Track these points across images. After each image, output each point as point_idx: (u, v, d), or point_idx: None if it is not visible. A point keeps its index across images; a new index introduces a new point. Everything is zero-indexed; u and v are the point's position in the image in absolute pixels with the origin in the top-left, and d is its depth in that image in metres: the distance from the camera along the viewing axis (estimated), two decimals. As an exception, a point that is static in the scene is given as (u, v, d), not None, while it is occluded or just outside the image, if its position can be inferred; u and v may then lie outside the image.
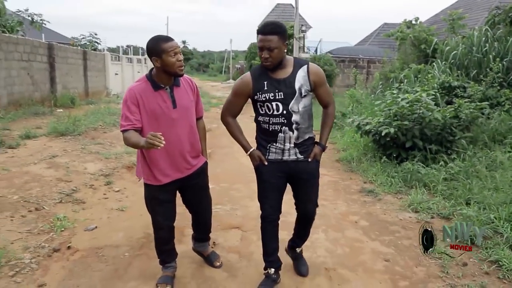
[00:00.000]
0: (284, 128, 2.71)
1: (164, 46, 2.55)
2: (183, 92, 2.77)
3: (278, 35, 2.58)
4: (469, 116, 6.47)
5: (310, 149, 2.84)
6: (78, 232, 4.03)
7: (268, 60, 2.61)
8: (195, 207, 3.14)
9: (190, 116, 2.82)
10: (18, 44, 11.92)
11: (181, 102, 2.72)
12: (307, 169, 2.85)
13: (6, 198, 4.72)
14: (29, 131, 8.39)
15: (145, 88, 2.66)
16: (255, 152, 2.86)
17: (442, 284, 3.09)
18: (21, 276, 3.14)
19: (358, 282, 3.16)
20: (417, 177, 5.41)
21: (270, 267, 3.03)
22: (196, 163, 2.91)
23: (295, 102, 2.68)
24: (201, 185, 3.04)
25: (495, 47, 8.65)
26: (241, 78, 2.87)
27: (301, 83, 2.69)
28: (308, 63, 2.76)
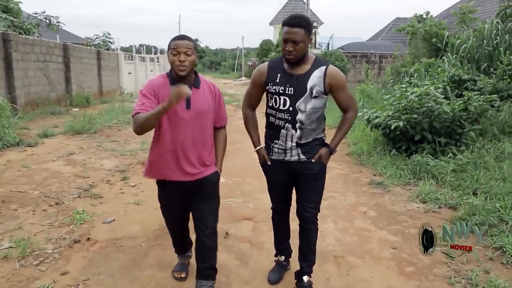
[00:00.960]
0: (287, 125, 2.66)
1: (171, 43, 2.53)
2: (201, 95, 2.64)
3: (305, 29, 2.52)
4: (478, 109, 6.50)
5: (316, 150, 2.75)
6: (97, 225, 4.20)
7: (292, 53, 2.54)
8: (198, 221, 2.83)
9: (204, 121, 2.67)
10: (34, 45, 12.22)
11: (196, 105, 2.60)
12: (310, 171, 2.76)
13: (27, 193, 4.94)
14: (46, 130, 8.64)
15: (163, 83, 2.61)
16: (261, 150, 2.86)
17: (447, 270, 3.20)
18: (45, 265, 3.32)
19: (365, 268, 3.28)
20: (426, 169, 5.50)
21: (281, 255, 3.14)
22: (203, 170, 2.72)
23: (303, 101, 2.61)
24: (206, 195, 2.79)
25: (506, 39, 8.64)
26: (258, 67, 2.86)
27: (314, 83, 2.60)
28: (328, 65, 2.66)
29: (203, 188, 2.76)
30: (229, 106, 15.56)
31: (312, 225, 2.88)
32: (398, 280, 3.11)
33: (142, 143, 7.75)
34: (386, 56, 21.36)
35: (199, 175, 2.71)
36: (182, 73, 2.51)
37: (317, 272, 3.14)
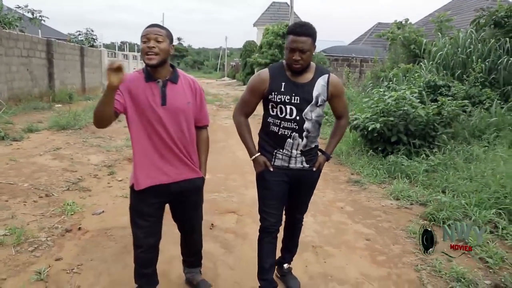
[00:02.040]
0: (294, 134, 2.59)
1: (142, 31, 2.37)
2: (178, 91, 2.47)
3: (311, 37, 2.48)
4: (451, 113, 6.89)
5: (315, 158, 2.75)
6: (87, 216, 4.38)
7: (299, 62, 2.48)
8: (184, 227, 2.83)
9: (182, 119, 2.48)
10: (18, 40, 12.20)
11: (172, 101, 2.42)
12: (310, 179, 2.79)
13: (17, 185, 5.07)
14: (31, 125, 8.74)
15: (137, 78, 2.41)
16: (260, 158, 2.71)
17: (415, 258, 3.51)
18: (40, 251, 3.50)
19: (341, 257, 3.56)
20: (400, 169, 5.83)
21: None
22: (186, 173, 2.56)
23: (309, 109, 2.57)
24: (193, 204, 2.72)
25: (478, 48, 9.08)
26: (258, 74, 2.72)
27: (319, 92, 2.58)
28: (329, 73, 2.65)
29: (190, 195, 2.65)
30: (212, 105, 15.78)
31: (298, 224, 3.02)
32: (370, 267, 3.40)
33: (127, 140, 7.89)
34: (367, 60, 21.86)
35: (183, 176, 2.55)
36: (151, 61, 2.31)
37: (297, 260, 3.38)
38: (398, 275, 3.26)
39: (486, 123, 6.83)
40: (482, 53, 9.06)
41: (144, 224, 2.54)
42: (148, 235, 2.57)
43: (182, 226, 2.84)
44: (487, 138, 6.37)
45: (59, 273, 3.16)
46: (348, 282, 3.15)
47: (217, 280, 3.15)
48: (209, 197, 4.89)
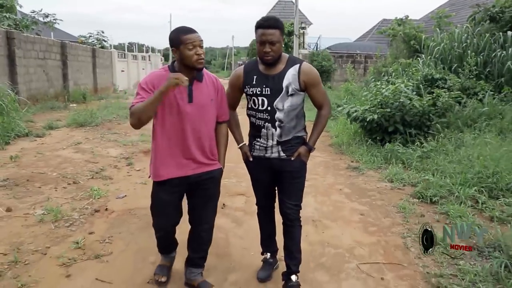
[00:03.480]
0: (267, 124, 2.72)
1: (182, 38, 2.45)
2: (203, 89, 2.62)
3: (279, 30, 2.58)
4: (445, 104, 7.33)
5: (295, 148, 2.80)
6: (111, 199, 4.90)
7: (270, 54, 2.59)
8: (197, 215, 2.88)
9: (207, 115, 2.65)
10: (34, 43, 12.83)
11: (198, 98, 2.58)
12: (290, 168, 2.81)
13: (47, 174, 5.63)
14: (51, 123, 9.32)
15: (163, 76, 2.51)
16: (244, 147, 2.91)
17: (402, 229, 3.99)
18: (74, 227, 4.03)
19: (337, 228, 4.05)
20: (396, 156, 6.30)
21: (267, 252, 3.17)
22: (206, 165, 2.70)
23: (280, 99, 2.67)
24: (210, 193, 2.83)
25: (474, 43, 9.49)
26: (235, 71, 2.94)
27: (289, 81, 2.66)
28: (301, 63, 2.72)
29: (208, 185, 2.75)
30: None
31: (295, 222, 2.94)
32: (362, 236, 3.89)
33: (141, 135, 8.43)
34: (371, 56, 22.19)
35: (204, 169, 2.69)
36: (202, 65, 2.52)
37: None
38: (387, 242, 3.75)
39: (479, 113, 7.24)
40: (478, 47, 9.45)
41: (164, 212, 2.76)
42: (167, 221, 2.82)
43: (194, 215, 2.87)
44: (479, 126, 6.80)
45: (93, 243, 3.68)
46: (342, 247, 3.64)
47: (229, 247, 3.66)
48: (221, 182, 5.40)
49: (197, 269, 2.97)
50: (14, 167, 5.87)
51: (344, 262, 3.38)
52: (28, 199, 4.69)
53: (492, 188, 4.61)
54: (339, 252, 3.56)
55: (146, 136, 8.30)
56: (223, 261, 3.39)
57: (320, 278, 3.13)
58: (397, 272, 3.22)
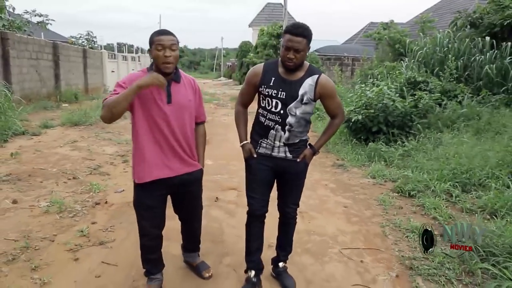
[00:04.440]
0: (277, 127, 2.75)
1: (154, 39, 2.48)
2: (181, 89, 2.65)
3: (307, 39, 2.61)
4: (426, 106, 7.74)
5: (301, 150, 2.85)
6: (110, 193, 5.18)
7: (293, 60, 2.62)
8: (185, 216, 3.02)
9: (186, 115, 2.68)
10: (28, 44, 12.98)
11: (177, 99, 2.61)
12: (295, 169, 2.86)
13: (47, 170, 5.88)
14: (46, 122, 9.53)
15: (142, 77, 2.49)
16: (247, 144, 2.91)
17: (382, 219, 4.35)
18: (78, 217, 4.31)
19: (322, 219, 4.39)
20: (379, 154, 6.68)
21: (251, 269, 3.03)
22: (187, 166, 2.75)
23: (294, 105, 2.70)
24: (194, 194, 2.92)
25: (455, 47, 9.94)
26: (253, 68, 2.91)
27: (305, 90, 2.70)
28: (320, 74, 2.76)
29: (191, 187, 2.82)
30: (210, 104, 16.60)
31: (292, 220, 3.05)
32: (345, 225, 4.24)
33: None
34: (358, 59, 22.68)
35: (185, 170, 2.72)
36: (168, 69, 2.51)
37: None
38: (367, 230, 4.11)
39: (457, 114, 7.65)
40: (459, 51, 9.92)
41: (149, 215, 2.77)
42: (153, 225, 2.81)
43: (183, 215, 3.03)
44: (457, 127, 7.21)
45: (97, 232, 3.97)
46: (327, 235, 3.99)
47: (223, 235, 3.98)
48: (213, 178, 5.72)
49: (194, 253, 3.25)
50: (15, 163, 6.11)
51: (328, 248, 3.73)
52: (31, 192, 4.96)
53: (466, 183, 5.00)
54: (323, 239, 3.90)
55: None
56: (218, 247, 3.71)
57: (305, 261, 3.46)
58: (375, 256, 3.57)
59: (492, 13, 9.87)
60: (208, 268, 3.17)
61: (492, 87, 8.78)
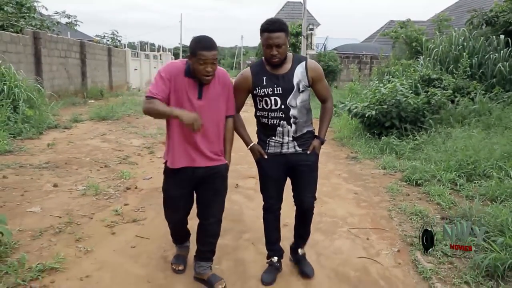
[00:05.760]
0: (282, 122, 2.78)
1: (197, 52, 2.53)
2: (213, 84, 2.70)
3: (285, 32, 2.66)
4: (438, 102, 8.01)
5: (309, 142, 2.89)
6: (139, 180, 5.64)
7: (277, 56, 2.67)
8: (204, 209, 2.99)
9: (216, 109, 2.75)
10: (57, 43, 13.65)
11: (207, 94, 2.68)
12: (306, 161, 2.89)
13: (81, 159, 6.40)
14: (76, 116, 10.13)
15: (180, 69, 2.66)
16: (255, 146, 2.95)
17: (389, 204, 4.71)
18: (112, 199, 4.79)
19: (334, 203, 4.78)
20: (391, 147, 7.01)
21: (274, 256, 3.18)
22: (213, 160, 2.81)
23: (293, 97, 2.76)
24: (216, 189, 2.91)
25: (470, 45, 10.13)
26: (241, 74, 2.95)
27: (299, 79, 2.75)
28: (306, 59, 2.83)
29: (214, 180, 2.86)
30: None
31: (310, 212, 3.07)
32: (355, 209, 4.62)
33: (158, 129, 9.21)
34: (376, 57, 22.80)
35: (211, 163, 2.79)
36: (206, 81, 2.63)
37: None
38: (374, 213, 4.47)
39: (469, 110, 7.90)
40: (474, 49, 10.09)
41: (171, 204, 2.98)
42: (176, 213, 3.03)
43: (201, 209, 2.99)
44: (468, 122, 7.46)
45: (129, 212, 4.44)
46: (337, 217, 4.37)
47: (242, 215, 4.41)
48: (234, 168, 6.08)
49: (206, 263, 3.04)
50: (52, 153, 6.65)
51: (338, 227, 4.11)
52: (69, 178, 5.46)
53: (471, 173, 5.30)
54: (334, 220, 4.29)
55: (162, 129, 9.04)
56: (237, 225, 4.13)
57: (317, 238, 3.85)
58: (380, 234, 3.94)
59: (507, 12, 10.03)
60: (221, 280, 2.97)
61: (505, 84, 8.96)
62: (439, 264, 3.30)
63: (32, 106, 8.89)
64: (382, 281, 3.14)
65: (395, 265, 3.36)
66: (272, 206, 3.09)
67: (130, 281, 3.08)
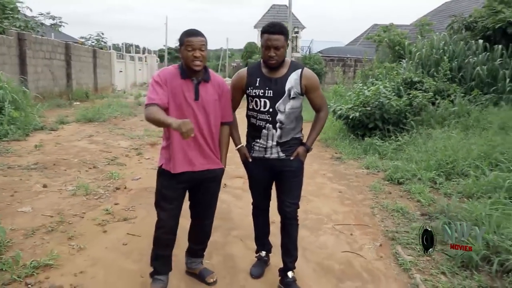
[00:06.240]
0: (268, 125, 2.81)
1: (185, 39, 2.59)
2: (209, 89, 2.73)
3: (284, 36, 2.70)
4: (420, 104, 8.26)
5: (294, 148, 2.91)
6: (128, 180, 5.73)
7: (274, 58, 2.70)
8: (198, 212, 3.02)
9: (211, 113, 2.74)
10: (42, 44, 13.62)
11: (204, 97, 2.69)
12: (290, 167, 2.91)
13: (70, 160, 6.46)
14: (62, 118, 10.13)
15: (174, 73, 2.68)
16: (242, 148, 3.00)
17: (372, 202, 4.90)
18: (102, 199, 4.87)
19: (319, 202, 4.94)
20: (374, 148, 7.22)
21: (262, 250, 3.28)
22: (210, 163, 2.81)
23: (282, 102, 2.77)
24: (211, 191, 2.96)
25: (450, 49, 10.45)
26: (237, 73, 3.03)
27: (292, 85, 2.77)
28: (303, 68, 2.84)
29: (211, 184, 2.89)
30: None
31: (293, 220, 3.01)
32: (339, 206, 4.80)
33: (145, 130, 9.29)
34: (360, 60, 23.12)
35: (207, 166, 2.79)
36: (198, 67, 2.62)
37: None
38: (358, 211, 4.65)
39: (449, 112, 8.16)
40: (454, 53, 10.42)
41: (168, 207, 2.83)
42: (170, 217, 2.86)
43: (197, 211, 3.02)
44: (448, 123, 7.72)
45: (120, 211, 4.53)
46: (322, 214, 4.54)
47: (231, 213, 4.54)
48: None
49: (198, 259, 3.17)
50: (40, 154, 6.70)
51: (323, 224, 4.28)
52: (58, 178, 5.53)
53: (450, 172, 5.52)
54: (319, 217, 4.45)
55: (149, 131, 9.18)
56: (226, 223, 4.26)
57: (302, 234, 3.96)
58: (363, 230, 4.12)
59: (485, 17, 10.36)
60: (212, 274, 3.11)
61: (483, 87, 9.28)
62: (418, 256, 3.49)
63: (17, 107, 8.88)
64: (365, 273, 3.30)
65: (377, 258, 3.54)
66: (260, 203, 3.20)
67: (124, 276, 3.19)
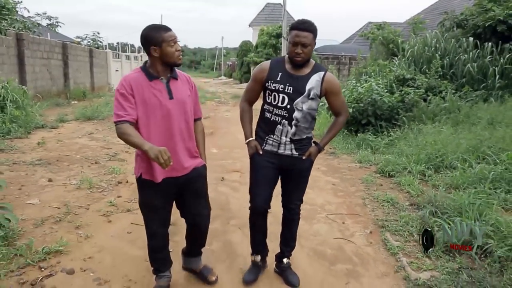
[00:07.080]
0: (284, 121, 2.77)
1: (164, 35, 2.49)
2: (179, 86, 2.66)
3: (313, 34, 2.67)
4: (411, 101, 8.50)
5: (307, 148, 2.89)
6: (129, 175, 5.91)
7: (300, 55, 2.67)
8: (193, 217, 2.89)
9: (187, 110, 2.68)
10: (40, 44, 13.76)
11: (177, 95, 2.61)
12: (300, 166, 2.90)
13: (72, 156, 6.66)
14: (62, 117, 10.30)
15: (139, 78, 2.54)
16: (253, 141, 2.92)
17: (364, 194, 5.13)
18: (105, 192, 5.08)
19: (313, 194, 5.16)
20: (367, 143, 7.45)
21: (257, 254, 3.15)
22: (192, 162, 2.74)
23: (300, 100, 2.74)
24: (200, 191, 2.85)
25: (442, 47, 10.70)
26: (260, 64, 2.96)
27: (312, 86, 2.75)
28: (326, 71, 2.82)
29: (196, 182, 2.79)
30: (212, 102, 17.42)
31: (296, 216, 3.10)
32: (332, 198, 5.02)
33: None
34: (355, 58, 23.35)
35: (190, 166, 2.72)
36: (181, 61, 2.62)
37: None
38: (350, 201, 4.89)
39: (440, 108, 8.40)
40: (445, 51, 10.66)
41: (156, 216, 2.75)
42: (159, 225, 2.79)
43: (190, 217, 2.91)
44: (439, 119, 7.96)
45: (123, 203, 4.74)
46: (316, 205, 4.76)
47: (229, 204, 4.76)
48: (219, 163, 6.49)
49: (197, 257, 3.14)
50: (43, 151, 6.89)
51: (316, 213, 4.51)
52: (62, 173, 5.72)
53: (439, 165, 5.75)
54: (313, 208, 4.68)
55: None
56: (225, 212, 4.48)
57: (298, 223, 4.22)
58: (355, 219, 4.35)
59: (476, 15, 10.61)
60: (213, 271, 3.11)
61: (473, 83, 9.53)
62: (406, 242, 3.73)
63: (18, 106, 9.06)
64: (355, 257, 3.53)
65: (367, 244, 3.77)
66: (259, 207, 2.96)
67: (129, 260, 3.40)
